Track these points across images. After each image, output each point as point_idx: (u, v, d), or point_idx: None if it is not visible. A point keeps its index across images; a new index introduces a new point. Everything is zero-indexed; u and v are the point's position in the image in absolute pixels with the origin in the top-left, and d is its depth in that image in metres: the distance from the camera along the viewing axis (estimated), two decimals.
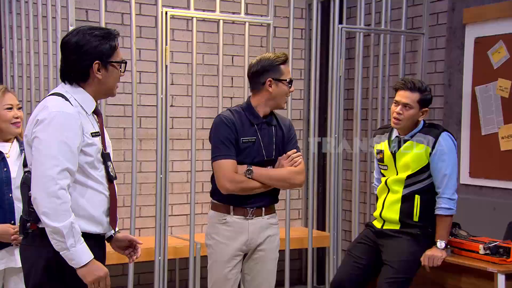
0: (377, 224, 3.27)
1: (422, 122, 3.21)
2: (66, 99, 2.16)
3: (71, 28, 3.46)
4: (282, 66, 2.84)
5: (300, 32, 4.99)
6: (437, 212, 3.14)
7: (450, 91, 4.30)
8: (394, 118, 3.15)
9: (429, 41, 4.41)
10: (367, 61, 4.57)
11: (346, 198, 4.70)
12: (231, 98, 4.75)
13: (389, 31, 4.43)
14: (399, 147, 3.18)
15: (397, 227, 3.19)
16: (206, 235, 2.95)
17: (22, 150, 2.69)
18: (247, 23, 4.06)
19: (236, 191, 2.80)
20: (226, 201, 2.84)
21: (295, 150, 2.90)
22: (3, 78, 3.86)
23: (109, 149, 2.28)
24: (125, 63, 2.28)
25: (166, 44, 3.78)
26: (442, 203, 3.13)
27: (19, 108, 2.81)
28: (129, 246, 2.41)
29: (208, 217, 2.97)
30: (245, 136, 2.81)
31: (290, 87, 2.87)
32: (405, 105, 3.12)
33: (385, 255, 3.16)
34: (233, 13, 4.25)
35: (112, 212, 2.25)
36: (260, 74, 2.84)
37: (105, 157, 2.23)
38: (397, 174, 3.20)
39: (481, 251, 3.14)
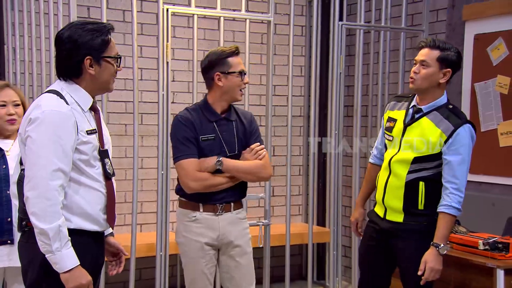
0: (379, 211, 2.94)
1: (445, 97, 2.87)
2: (61, 97, 2.09)
3: None
4: (230, 59, 2.78)
5: (300, 29, 4.97)
6: (446, 210, 2.76)
7: (449, 88, 4.22)
8: (410, 77, 2.83)
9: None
10: (367, 58, 4.54)
11: (346, 194, 4.68)
12: None
13: (389, 28, 4.40)
14: (413, 118, 2.85)
15: (400, 218, 2.85)
16: (176, 233, 2.90)
17: None
18: (247, 20, 4.05)
19: (201, 189, 2.75)
20: (194, 198, 2.80)
21: (258, 143, 2.85)
22: (5, 75, 3.86)
23: (108, 146, 2.22)
24: (120, 57, 2.20)
25: (167, 41, 3.77)
26: (453, 201, 2.76)
27: (17, 105, 2.73)
28: (116, 254, 2.36)
29: (176, 215, 2.93)
30: (204, 134, 2.77)
31: (243, 79, 2.80)
32: (422, 63, 2.80)
33: (400, 259, 2.89)
34: (234, 10, 4.25)
35: (109, 209, 2.18)
36: (209, 69, 2.80)
37: (102, 154, 2.16)
38: (398, 151, 2.86)
39: (481, 247, 3.12)
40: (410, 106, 2.89)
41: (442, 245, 2.75)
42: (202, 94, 4.49)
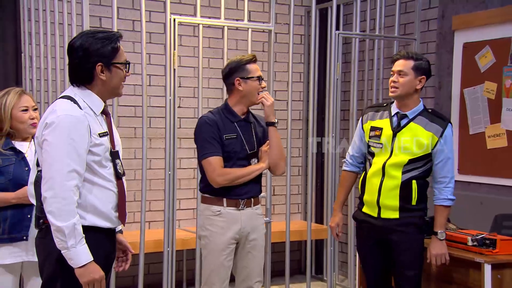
0: (371, 211, 3.01)
1: (421, 104, 3.01)
2: (75, 102, 2.13)
3: None
4: (248, 65, 2.90)
5: (299, 37, 5.00)
6: (444, 203, 2.96)
7: (440, 93, 4.32)
8: (391, 87, 2.97)
9: (420, 46, 4.42)
10: (363, 64, 4.57)
11: None
12: None
13: (383, 37, 4.44)
14: (399, 124, 2.97)
15: (396, 215, 2.96)
16: (200, 227, 2.98)
17: None
18: (249, 29, 4.07)
19: (227, 183, 2.85)
20: (219, 194, 2.88)
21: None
22: (23, 81, 3.89)
23: (118, 147, 2.26)
24: (129, 63, 2.23)
25: (174, 49, 3.79)
26: (449, 194, 2.96)
27: (35, 109, 2.83)
28: (124, 252, 2.39)
29: (200, 211, 3.02)
30: (227, 133, 2.87)
31: (261, 83, 2.93)
32: (399, 73, 2.96)
33: (396, 252, 2.97)
34: (237, 20, 4.27)
35: (120, 207, 2.22)
36: (229, 75, 2.91)
37: (113, 155, 2.20)
38: (390, 156, 2.96)
39: (469, 243, 3.14)
40: (393, 114, 3.00)
41: (440, 231, 2.96)
42: (207, 99, 4.62)
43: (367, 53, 4.56)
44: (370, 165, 3.05)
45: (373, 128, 3.04)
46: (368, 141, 3.05)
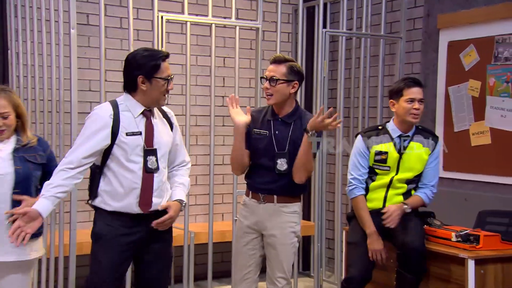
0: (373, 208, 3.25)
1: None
2: (114, 103, 2.56)
3: (72, 31, 3.48)
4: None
5: (287, 35, 5.00)
6: (422, 196, 3.22)
7: (425, 91, 4.28)
8: (415, 114, 3.16)
9: (406, 45, 4.44)
10: (349, 63, 4.58)
11: (329, 190, 4.73)
12: (223, 97, 4.75)
13: (369, 35, 4.45)
14: (404, 147, 3.20)
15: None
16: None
17: (17, 149, 2.60)
18: (237, 27, 4.07)
19: (236, 170, 3.01)
20: (248, 186, 3.01)
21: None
22: (9, 78, 3.84)
23: (157, 146, 2.56)
24: (169, 79, 2.55)
25: (162, 47, 3.78)
26: (430, 193, 3.25)
27: (5, 118, 2.58)
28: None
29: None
30: (259, 128, 2.93)
31: (262, 83, 3.02)
32: (420, 101, 3.21)
33: (395, 232, 3.13)
34: (225, 17, 4.28)
35: (142, 197, 2.52)
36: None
37: (146, 152, 2.53)
38: (397, 173, 3.20)
39: (453, 239, 3.16)
40: (395, 136, 3.21)
41: (407, 207, 3.16)
42: (195, 97, 4.59)
43: (354, 51, 4.57)
44: (372, 180, 3.25)
45: (378, 153, 3.20)
46: (373, 164, 3.22)
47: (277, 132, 2.91)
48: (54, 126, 3.57)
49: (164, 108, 2.74)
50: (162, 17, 3.79)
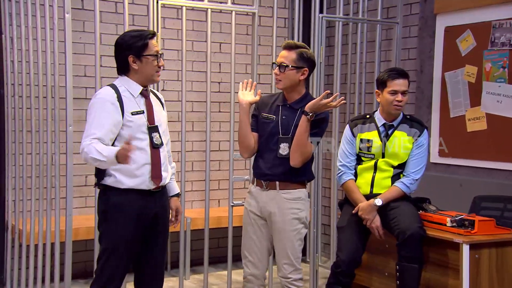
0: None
1: (401, 113, 3.31)
2: (114, 87, 2.65)
3: (67, 16, 3.44)
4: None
5: (283, 21, 4.98)
6: (399, 185, 3.24)
7: (422, 77, 4.32)
8: (398, 106, 3.21)
9: (403, 30, 4.42)
10: (346, 48, 4.56)
11: (325, 176, 4.73)
12: (219, 83, 4.74)
13: (366, 21, 4.43)
14: (387, 135, 3.27)
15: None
16: None
17: None
18: (233, 12, 4.04)
19: (244, 152, 3.03)
20: (253, 174, 3.06)
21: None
22: (3, 63, 3.83)
23: (159, 124, 2.71)
24: (157, 55, 2.65)
25: (157, 32, 3.75)
26: (408, 182, 3.25)
27: None
28: (176, 213, 2.89)
29: None
30: (267, 113, 2.98)
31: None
32: (403, 93, 3.23)
33: (391, 211, 3.20)
34: (221, 2, 4.22)
35: (153, 171, 2.66)
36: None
37: (150, 129, 2.67)
38: (382, 157, 3.28)
39: (448, 224, 3.18)
40: (380, 125, 3.28)
41: (377, 199, 3.19)
42: (191, 82, 4.57)
43: (350, 36, 4.56)
44: (359, 163, 3.34)
45: (363, 141, 3.29)
46: (359, 152, 3.32)
47: (283, 117, 2.94)
48: (49, 111, 3.54)
49: (154, 91, 2.87)
50: (157, 2, 3.76)
